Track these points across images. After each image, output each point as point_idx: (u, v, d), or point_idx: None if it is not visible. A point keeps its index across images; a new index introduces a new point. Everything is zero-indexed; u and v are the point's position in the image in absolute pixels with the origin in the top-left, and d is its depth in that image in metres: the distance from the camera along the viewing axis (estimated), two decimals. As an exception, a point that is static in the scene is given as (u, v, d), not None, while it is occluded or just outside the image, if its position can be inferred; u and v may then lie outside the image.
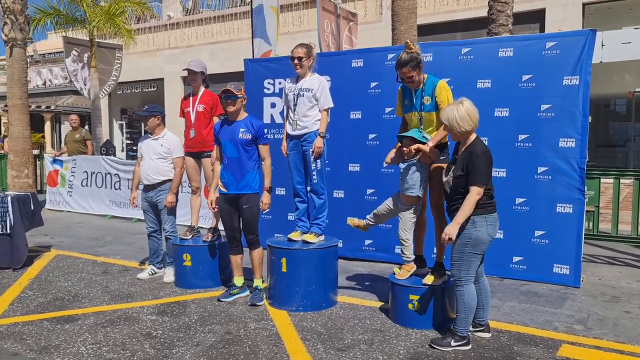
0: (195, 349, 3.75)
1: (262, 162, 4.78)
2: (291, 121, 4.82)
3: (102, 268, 6.10)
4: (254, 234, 4.80)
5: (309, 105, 4.71)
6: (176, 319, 4.38)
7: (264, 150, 4.75)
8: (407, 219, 4.32)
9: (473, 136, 3.73)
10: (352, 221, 4.66)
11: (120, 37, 14.67)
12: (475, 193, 3.58)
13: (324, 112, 4.75)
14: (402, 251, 4.38)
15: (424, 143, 4.10)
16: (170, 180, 5.53)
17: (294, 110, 4.78)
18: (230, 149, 4.68)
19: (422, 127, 4.24)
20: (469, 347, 3.72)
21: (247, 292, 4.94)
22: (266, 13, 9.32)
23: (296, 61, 4.70)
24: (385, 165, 4.54)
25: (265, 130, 4.77)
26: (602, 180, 6.38)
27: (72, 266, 6.19)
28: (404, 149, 4.19)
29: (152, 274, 5.70)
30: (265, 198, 4.70)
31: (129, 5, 14.50)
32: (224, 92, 4.62)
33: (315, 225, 4.84)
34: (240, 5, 19.39)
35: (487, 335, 3.94)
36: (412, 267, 4.37)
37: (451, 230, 3.61)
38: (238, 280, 4.94)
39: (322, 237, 4.79)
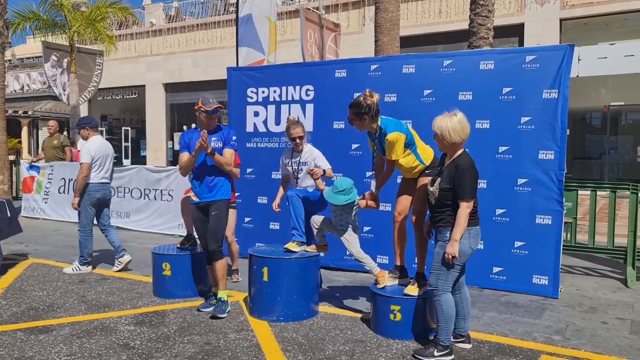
0: (174, 360, 3.69)
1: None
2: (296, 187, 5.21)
3: (78, 277, 5.98)
4: (218, 244, 4.66)
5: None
6: (155, 329, 4.31)
7: (228, 153, 4.63)
8: (352, 236, 4.60)
9: (461, 149, 3.77)
10: (310, 248, 4.80)
11: (101, 42, 14.54)
12: (465, 207, 3.63)
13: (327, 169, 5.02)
14: (364, 265, 4.58)
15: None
16: (89, 183, 6.09)
17: (297, 182, 5.19)
18: (202, 158, 4.60)
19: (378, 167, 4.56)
20: (452, 357, 3.73)
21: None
22: (258, 22, 9.30)
23: (297, 140, 5.06)
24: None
25: (235, 138, 4.72)
26: (580, 192, 6.49)
27: (48, 275, 6.06)
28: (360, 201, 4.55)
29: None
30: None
31: (111, 10, 14.38)
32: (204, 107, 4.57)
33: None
34: (223, 14, 19.38)
35: (467, 346, 3.95)
36: (384, 273, 4.45)
37: (451, 249, 3.63)
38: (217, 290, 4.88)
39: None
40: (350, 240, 4.60)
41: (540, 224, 5.35)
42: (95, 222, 6.29)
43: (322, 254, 4.85)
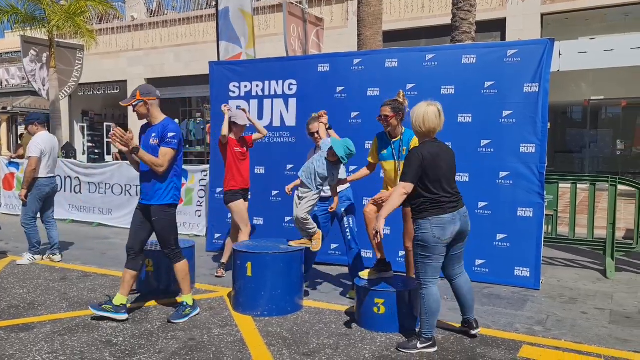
0: (158, 356, 3.67)
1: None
2: None
3: (60, 274, 5.91)
4: (169, 248, 4.42)
5: None
6: (138, 325, 4.27)
7: (162, 152, 4.21)
8: (304, 202, 4.63)
9: (426, 139, 3.84)
10: (294, 242, 4.80)
11: (81, 37, 14.31)
12: (400, 187, 3.71)
13: None
14: (307, 226, 4.65)
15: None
16: (38, 177, 6.31)
17: None
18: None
19: (400, 173, 4.46)
20: (435, 349, 3.76)
21: (115, 314, 4.33)
22: (235, 16, 9.23)
23: (316, 135, 5.06)
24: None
25: (172, 135, 4.24)
26: (560, 185, 6.56)
27: (28, 272, 5.98)
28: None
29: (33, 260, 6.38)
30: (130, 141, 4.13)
31: (91, 4, 14.15)
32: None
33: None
34: (205, 8, 19.20)
35: (474, 331, 3.97)
36: (319, 235, 4.70)
37: (377, 224, 3.72)
38: (117, 298, 4.38)
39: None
40: (304, 202, 4.60)
41: (521, 217, 5.41)
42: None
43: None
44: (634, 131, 15.45)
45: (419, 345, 3.74)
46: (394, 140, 4.49)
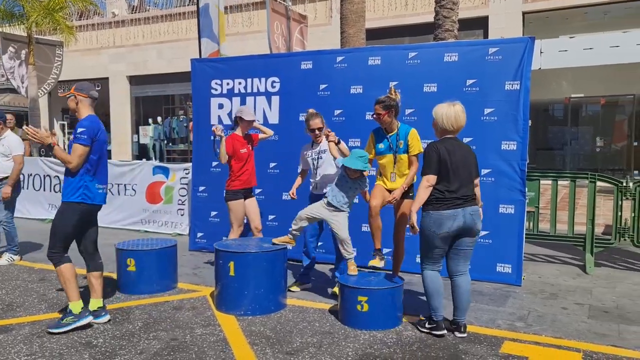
0: (139, 357, 3.62)
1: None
2: (314, 182, 5.16)
3: (39, 275, 5.81)
4: (51, 250, 4.19)
5: (329, 162, 4.96)
6: (119, 326, 4.22)
7: (72, 148, 4.12)
8: (343, 222, 4.52)
9: (447, 136, 3.95)
10: (277, 240, 4.76)
11: (60, 33, 14.10)
12: (424, 180, 3.83)
13: None
14: (345, 249, 4.52)
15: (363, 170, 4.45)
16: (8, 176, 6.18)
17: (316, 172, 5.10)
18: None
19: (395, 166, 4.54)
20: (441, 332, 3.90)
21: (96, 319, 4.26)
22: (212, 12, 9.21)
23: (317, 132, 4.99)
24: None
25: (81, 130, 4.13)
26: (542, 181, 6.64)
27: (7, 273, 5.87)
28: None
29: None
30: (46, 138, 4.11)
31: (71, 0, 13.95)
32: None
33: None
34: (187, 5, 19.04)
35: (460, 335, 3.97)
36: (354, 264, 4.55)
37: (411, 220, 3.86)
38: (93, 303, 4.35)
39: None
40: (343, 222, 4.52)
41: (503, 214, 5.46)
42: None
43: (289, 247, 4.83)
44: (612, 128, 15.69)
45: (427, 325, 3.97)
46: (390, 134, 4.55)
